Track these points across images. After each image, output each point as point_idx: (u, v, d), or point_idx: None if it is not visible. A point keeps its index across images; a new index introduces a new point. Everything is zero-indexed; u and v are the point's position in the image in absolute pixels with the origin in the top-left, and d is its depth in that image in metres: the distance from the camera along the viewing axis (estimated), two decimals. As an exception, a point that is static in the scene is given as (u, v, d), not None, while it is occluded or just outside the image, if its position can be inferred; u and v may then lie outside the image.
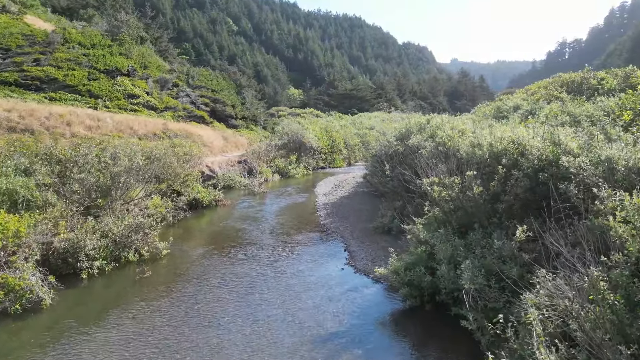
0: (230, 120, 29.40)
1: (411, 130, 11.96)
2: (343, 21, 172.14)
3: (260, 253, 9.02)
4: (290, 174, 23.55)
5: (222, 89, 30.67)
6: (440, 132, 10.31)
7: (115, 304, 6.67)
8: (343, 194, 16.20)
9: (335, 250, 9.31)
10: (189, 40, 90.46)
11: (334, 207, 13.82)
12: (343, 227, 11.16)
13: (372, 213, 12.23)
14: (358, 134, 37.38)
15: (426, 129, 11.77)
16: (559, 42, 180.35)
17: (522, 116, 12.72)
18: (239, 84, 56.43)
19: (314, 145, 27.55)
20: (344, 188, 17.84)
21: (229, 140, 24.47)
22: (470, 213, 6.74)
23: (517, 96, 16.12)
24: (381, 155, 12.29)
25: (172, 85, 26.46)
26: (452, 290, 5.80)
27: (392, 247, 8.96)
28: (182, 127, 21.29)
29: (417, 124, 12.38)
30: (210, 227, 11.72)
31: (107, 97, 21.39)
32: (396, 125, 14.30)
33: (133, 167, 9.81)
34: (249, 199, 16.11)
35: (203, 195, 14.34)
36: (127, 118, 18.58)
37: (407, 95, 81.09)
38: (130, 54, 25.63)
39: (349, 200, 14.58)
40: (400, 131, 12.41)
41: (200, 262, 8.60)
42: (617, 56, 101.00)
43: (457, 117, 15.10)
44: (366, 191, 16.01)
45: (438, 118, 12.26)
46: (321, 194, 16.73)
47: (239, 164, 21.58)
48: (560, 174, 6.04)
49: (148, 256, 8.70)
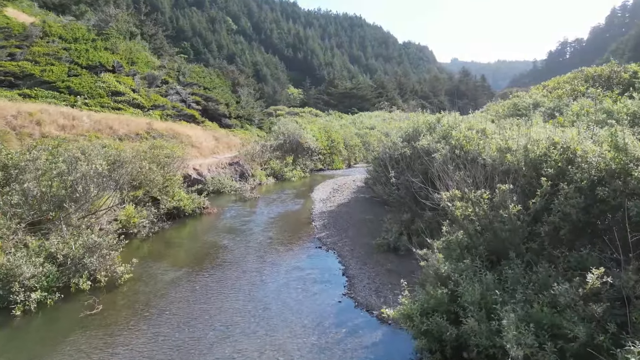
0: (224, 119, 27.88)
1: (420, 130, 10.44)
2: (343, 20, 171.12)
3: (242, 280, 7.50)
4: (286, 176, 22.05)
5: (216, 87, 29.12)
6: (455, 132, 8.80)
7: (49, 353, 5.17)
8: (342, 201, 14.69)
9: (331, 273, 7.79)
10: (187, 39, 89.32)
11: (331, 216, 12.30)
12: (341, 242, 9.64)
13: (375, 225, 10.72)
14: (358, 134, 35.87)
15: (437, 128, 10.25)
16: (560, 42, 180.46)
17: (545, 114, 11.23)
18: (236, 82, 54.96)
19: (312, 146, 26.04)
20: (343, 193, 16.33)
21: (221, 140, 22.95)
22: (502, 237, 5.23)
23: (534, 92, 14.62)
24: (385, 159, 10.76)
25: (162, 83, 24.95)
26: (487, 347, 4.29)
27: (400, 270, 7.51)
28: (169, 126, 19.78)
29: (426, 123, 10.86)
30: (189, 243, 10.20)
31: (88, 95, 19.88)
32: (401, 125, 12.77)
33: (94, 173, 8.29)
34: (239, 206, 14.59)
35: (185, 202, 12.82)
36: (106, 117, 17.06)
37: (408, 95, 79.59)
38: (116, 49, 24.11)
39: (349, 209, 13.06)
40: (407, 131, 10.89)
41: (167, 291, 7.08)
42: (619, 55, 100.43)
43: (468, 115, 13.57)
44: (367, 197, 14.51)
45: (450, 116, 10.73)
46: (318, 200, 15.22)
47: (230, 166, 20.07)
48: (629, 189, 4.54)
49: (105, 282, 7.19)
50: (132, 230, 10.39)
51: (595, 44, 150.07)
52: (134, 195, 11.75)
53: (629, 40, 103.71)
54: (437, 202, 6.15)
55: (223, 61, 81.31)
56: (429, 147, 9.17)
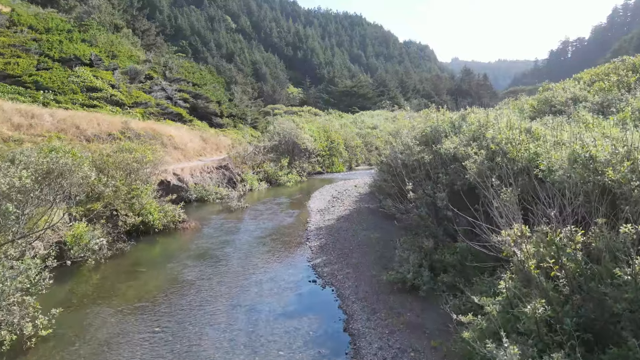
0: (215, 118, 25.78)
1: (441, 130, 8.32)
2: (343, 19, 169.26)
3: (204, 342, 5.38)
4: (280, 181, 19.95)
5: (206, 83, 26.98)
6: (490, 133, 6.71)
7: None
8: (343, 212, 12.58)
9: (328, 328, 5.69)
10: (186, 37, 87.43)
11: (330, 233, 10.19)
12: (342, 273, 7.53)
13: (384, 246, 8.63)
14: (360, 133, 33.77)
15: (463, 127, 8.15)
16: (561, 41, 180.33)
17: (592, 110, 9.13)
18: (233, 80, 52.89)
19: (310, 147, 23.94)
20: (344, 202, 14.23)
21: (209, 141, 20.83)
22: (613, 310, 3.13)
23: (569, 84, 12.51)
24: (396, 165, 8.64)
25: (145, 78, 22.83)
26: None
27: (424, 324, 5.33)
28: (149, 126, 17.67)
29: (448, 120, 8.73)
30: (149, 273, 8.07)
31: (59, 90, 17.78)
32: (414, 123, 10.65)
33: (8, 188, 6.18)
34: (222, 219, 12.49)
35: (155, 216, 10.71)
36: (73, 115, 14.95)
37: (410, 93, 77.53)
38: (95, 42, 21.98)
39: (351, 223, 10.94)
40: (424, 131, 8.76)
41: (98, 356, 4.97)
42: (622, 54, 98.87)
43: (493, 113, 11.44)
44: (372, 208, 12.40)
45: (479, 113, 8.63)
46: (315, 211, 13.12)
47: (217, 170, 17.97)
48: None
49: (9, 345, 5.09)
50: (82, 255, 8.30)
51: (597, 43, 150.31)
52: (89, 209, 9.66)
53: (632, 39, 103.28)
54: (472, 226, 4.05)
55: (222, 60, 79.42)
56: (456, 151, 7.07)
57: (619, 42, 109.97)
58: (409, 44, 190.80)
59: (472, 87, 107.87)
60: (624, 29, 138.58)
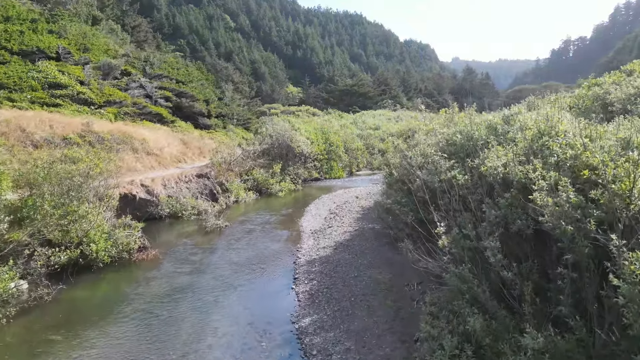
0: (201, 118, 23.37)
1: (476, 135, 5.92)
2: (343, 18, 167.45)
3: None
4: (271, 190, 17.54)
5: (192, 80, 24.52)
6: (555, 144, 4.37)
7: None
8: (342, 236, 10.16)
9: None
10: (184, 36, 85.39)
11: (324, 271, 7.77)
12: (339, 349, 5.12)
13: (399, 296, 6.26)
14: (361, 135, 31.38)
15: (510, 134, 5.75)
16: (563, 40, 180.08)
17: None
18: (229, 79, 50.49)
19: (305, 151, 21.53)
20: (343, 220, 11.82)
21: (191, 145, 18.41)
22: None
23: (616, 77, 10.13)
24: (416, 190, 6.21)
25: (122, 74, 20.43)
26: None
27: None
28: (117, 128, 15.26)
29: (484, 124, 6.32)
30: (61, 343, 5.63)
31: (15, 87, 15.39)
32: (433, 126, 8.23)
33: None
34: (192, 245, 10.08)
35: (100, 246, 8.30)
36: (20, 115, 12.56)
37: (412, 92, 75.16)
38: (65, 33, 19.58)
39: (352, 255, 8.52)
40: (452, 140, 6.35)
41: None
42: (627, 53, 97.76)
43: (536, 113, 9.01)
44: (379, 229, 10.00)
45: (530, 113, 6.23)
46: (308, 234, 10.72)
47: (198, 179, 15.57)
48: None
49: None
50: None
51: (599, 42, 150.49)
52: (6, 240, 7.28)
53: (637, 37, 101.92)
54: None
55: (220, 59, 77.18)
56: (509, 172, 4.66)
57: (623, 41, 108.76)
58: (410, 43, 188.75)
59: (474, 87, 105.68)
60: (626, 27, 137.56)
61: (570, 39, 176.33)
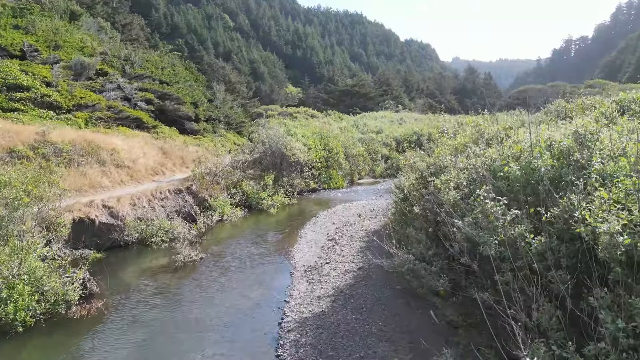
0: (188, 123, 21.29)
1: (539, 164, 3.84)
2: (344, 17, 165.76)
3: None
4: (262, 205, 15.44)
5: (179, 81, 22.41)
6: None
7: None
8: (343, 278, 8.06)
9: None
10: (182, 36, 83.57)
11: (319, 344, 5.67)
12: None
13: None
14: (362, 139, 29.25)
15: (593, 166, 3.65)
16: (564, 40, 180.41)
17: None
18: (227, 80, 48.35)
19: (302, 159, 19.45)
20: (344, 252, 9.73)
21: (172, 154, 16.31)
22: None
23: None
24: (456, 252, 4.11)
25: (97, 74, 18.35)
26: None
27: None
28: (82, 136, 13.16)
29: (550, 142, 4.25)
30: None
31: (-34, 89, 13.34)
32: (462, 140, 6.13)
33: None
34: (153, 289, 7.98)
35: (20, 304, 6.20)
36: (-44, 124, 10.48)
37: (414, 93, 73.07)
38: (33, 29, 17.51)
39: (356, 314, 6.41)
40: (508, 170, 4.28)
41: None
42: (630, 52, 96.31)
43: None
44: (387, 268, 7.90)
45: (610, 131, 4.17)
46: (300, 272, 8.63)
47: (176, 195, 13.50)
48: None
49: None
50: None
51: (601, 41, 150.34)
52: None
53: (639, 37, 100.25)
54: None
55: (219, 59, 75.22)
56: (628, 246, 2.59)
57: (626, 40, 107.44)
58: (410, 42, 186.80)
59: (476, 87, 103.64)
60: (628, 27, 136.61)
61: (572, 39, 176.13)
